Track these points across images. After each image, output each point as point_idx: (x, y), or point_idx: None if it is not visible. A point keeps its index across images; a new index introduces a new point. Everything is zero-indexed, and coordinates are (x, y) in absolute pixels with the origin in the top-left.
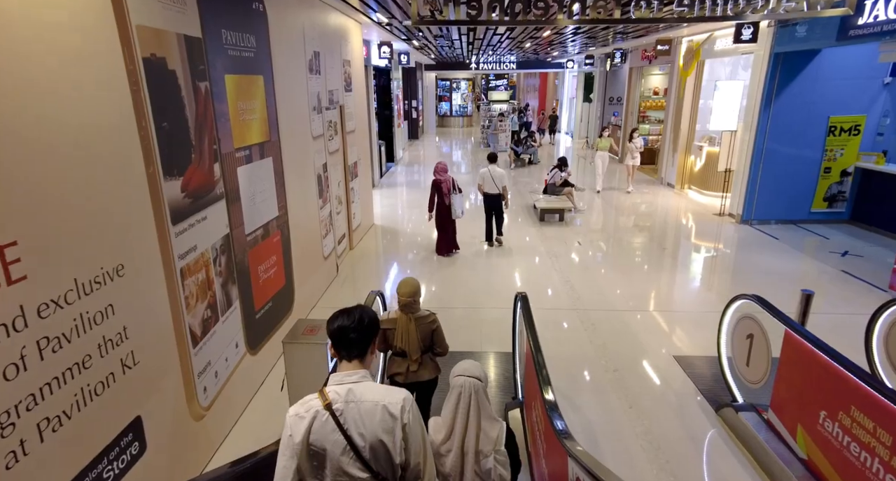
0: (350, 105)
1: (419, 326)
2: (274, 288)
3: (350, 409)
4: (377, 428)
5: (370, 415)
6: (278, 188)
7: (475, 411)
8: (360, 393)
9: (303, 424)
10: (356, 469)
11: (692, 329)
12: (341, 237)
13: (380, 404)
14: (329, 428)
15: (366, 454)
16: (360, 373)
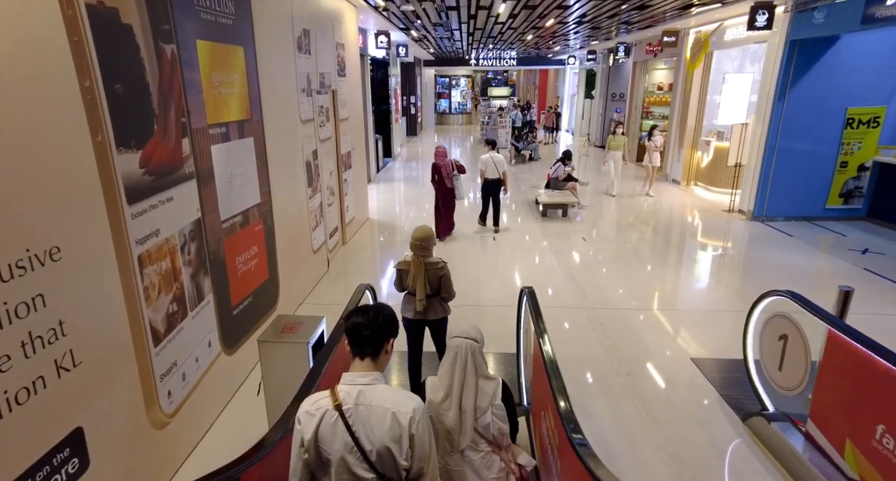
0: (343, 91)
1: (429, 270)
2: (255, 281)
3: (359, 412)
4: (385, 436)
5: (379, 421)
6: (260, 172)
7: (472, 370)
8: (370, 397)
9: (312, 422)
10: (362, 469)
11: (709, 329)
12: (333, 230)
13: (390, 411)
14: (338, 429)
15: (372, 457)
16: (373, 376)
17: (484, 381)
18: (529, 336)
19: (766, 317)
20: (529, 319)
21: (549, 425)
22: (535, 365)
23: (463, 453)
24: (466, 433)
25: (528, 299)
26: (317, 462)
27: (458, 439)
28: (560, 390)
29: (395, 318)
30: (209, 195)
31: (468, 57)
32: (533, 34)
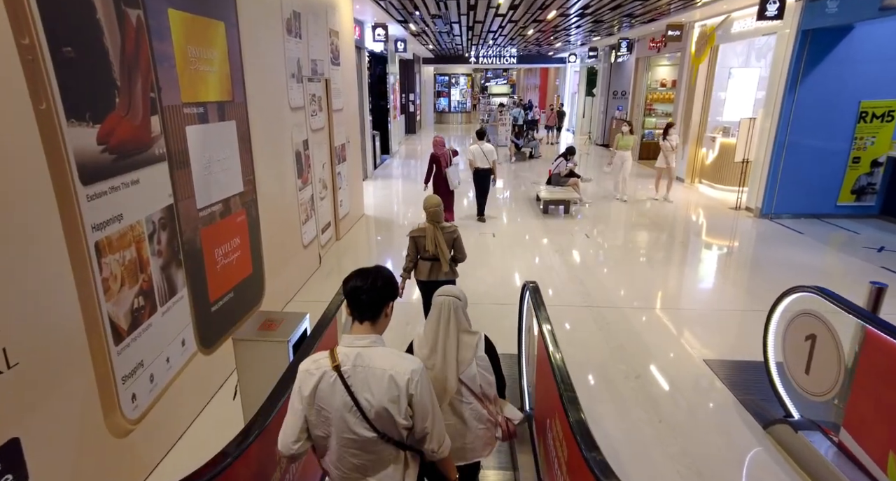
0: (337, 80)
1: (444, 234)
2: (237, 276)
3: (357, 373)
4: (383, 397)
5: (378, 382)
6: (244, 159)
7: (454, 325)
8: (368, 359)
9: (311, 381)
10: (362, 428)
11: (720, 329)
12: (326, 225)
13: (388, 373)
14: (336, 389)
15: (371, 415)
16: (371, 338)
17: (466, 335)
18: (532, 335)
19: (791, 316)
20: (532, 317)
21: (557, 436)
22: (538, 368)
23: (451, 405)
24: (451, 384)
25: (531, 295)
26: (317, 420)
27: (444, 393)
28: (570, 400)
29: (395, 281)
30: (184, 180)
31: (468, 54)
32: (534, 28)
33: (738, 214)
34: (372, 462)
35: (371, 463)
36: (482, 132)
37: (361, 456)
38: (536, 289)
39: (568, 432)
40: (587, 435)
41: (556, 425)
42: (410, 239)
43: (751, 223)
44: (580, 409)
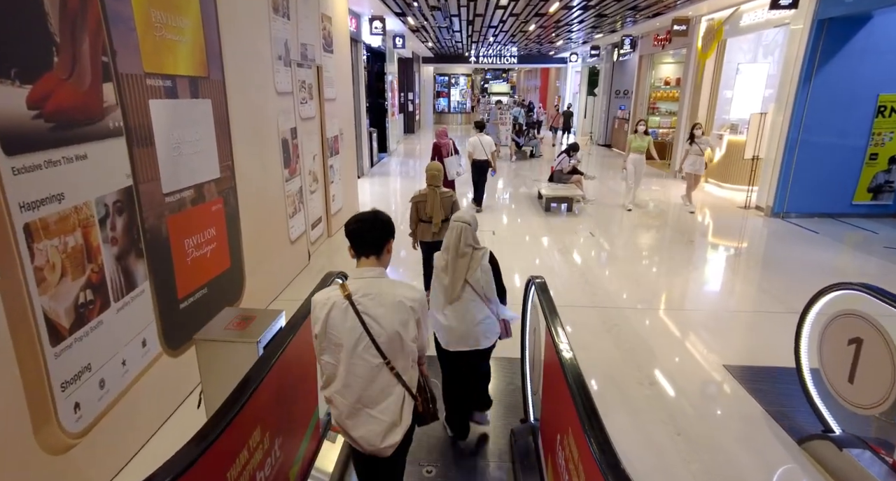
0: (330, 68)
1: (443, 199)
2: (212, 270)
3: (367, 301)
4: (394, 320)
5: (389, 308)
6: (221, 143)
7: (464, 241)
8: (377, 288)
9: (324, 311)
10: (370, 355)
11: (740, 331)
12: (317, 221)
13: (397, 298)
14: (348, 316)
15: (380, 339)
16: (378, 271)
17: (473, 250)
18: (538, 337)
19: (832, 317)
20: (539, 317)
21: (572, 457)
22: (546, 373)
23: (461, 301)
24: (458, 286)
25: (537, 292)
26: (327, 346)
27: (454, 291)
28: (589, 413)
29: (392, 222)
30: (146, 160)
31: (468, 54)
32: (535, 23)
33: (748, 213)
34: (374, 392)
35: (374, 393)
36: (481, 124)
37: (365, 386)
38: (544, 285)
39: (587, 455)
40: (615, 466)
41: (569, 443)
42: (412, 204)
43: (762, 222)
44: (603, 427)
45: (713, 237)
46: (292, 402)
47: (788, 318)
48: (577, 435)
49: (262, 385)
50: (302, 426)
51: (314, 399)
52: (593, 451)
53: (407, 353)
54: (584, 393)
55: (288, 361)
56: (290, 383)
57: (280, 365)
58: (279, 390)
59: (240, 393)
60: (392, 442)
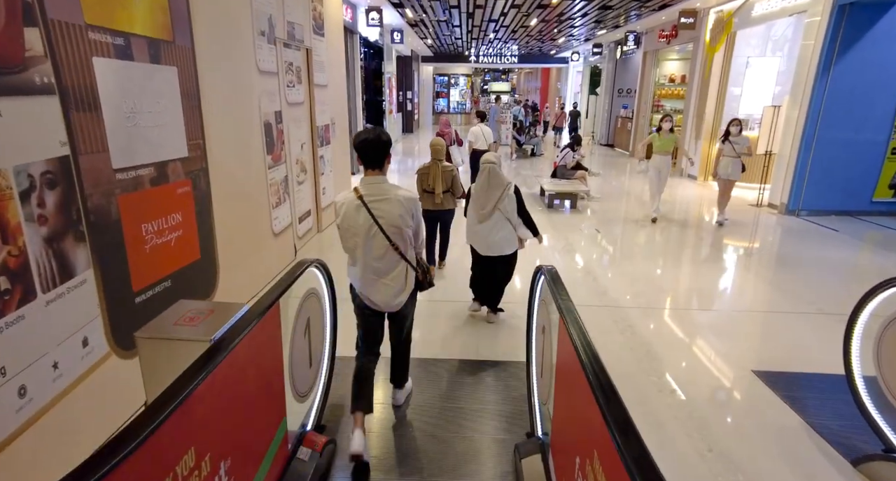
0: (321, 53)
1: (443, 172)
2: (177, 260)
3: (374, 200)
4: (395, 213)
5: (392, 203)
6: (189, 118)
7: (494, 179)
8: (381, 190)
9: (342, 209)
10: (380, 239)
11: (768, 334)
12: (305, 214)
13: (398, 197)
14: (361, 212)
15: (386, 228)
16: (381, 178)
17: (500, 183)
18: (548, 337)
19: (889, 319)
20: (549, 313)
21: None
22: (559, 380)
23: (491, 221)
24: (488, 210)
25: (548, 283)
26: (347, 235)
27: (485, 214)
28: (623, 430)
29: (390, 140)
30: (90, 127)
31: (468, 53)
32: (537, 16)
33: (761, 211)
34: (385, 266)
35: (384, 266)
36: (483, 114)
37: (378, 261)
38: (555, 274)
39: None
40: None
41: (594, 470)
42: (417, 175)
43: (776, 220)
44: (648, 455)
45: (728, 236)
46: (248, 415)
47: (819, 320)
48: (608, 462)
49: (200, 394)
50: (262, 443)
51: (280, 409)
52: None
53: (405, 238)
54: (617, 407)
55: (242, 364)
56: (246, 391)
57: (231, 369)
58: (229, 400)
59: (162, 405)
60: (400, 301)
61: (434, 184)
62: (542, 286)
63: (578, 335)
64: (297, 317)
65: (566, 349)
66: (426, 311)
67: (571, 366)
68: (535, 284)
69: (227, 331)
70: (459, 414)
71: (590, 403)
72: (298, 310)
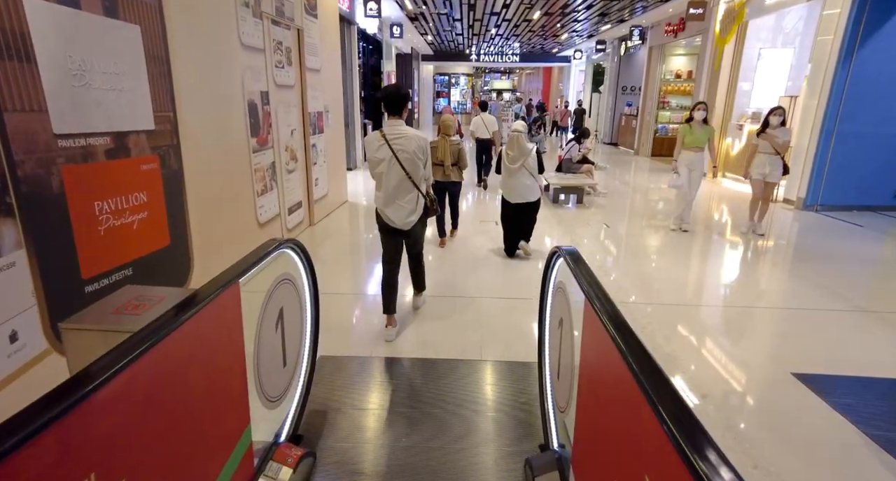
0: (313, 35)
1: (450, 146)
2: (141, 246)
3: (396, 139)
4: (413, 148)
5: (408, 140)
6: (157, 86)
7: (521, 144)
8: (402, 132)
9: (372, 146)
10: (398, 169)
11: (804, 333)
12: (295, 205)
13: (414, 137)
14: (384, 148)
15: (403, 161)
16: (401, 122)
17: (526, 147)
18: (566, 332)
19: None
20: (568, 303)
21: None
22: (582, 382)
23: (520, 172)
24: (517, 166)
25: (569, 265)
26: (374, 165)
27: (514, 169)
28: (700, 446)
29: (409, 94)
30: (19, 81)
31: (468, 51)
32: (540, 9)
33: (776, 207)
34: (401, 191)
35: (400, 191)
36: (484, 104)
37: (398, 187)
38: (577, 255)
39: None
40: None
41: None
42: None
43: (794, 216)
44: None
45: (743, 232)
46: (191, 427)
47: (857, 318)
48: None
49: (106, 400)
50: (213, 460)
51: (241, 417)
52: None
53: (419, 171)
54: (687, 419)
55: (182, 361)
56: (187, 396)
57: (163, 368)
58: (162, 408)
59: (34, 417)
60: (411, 221)
61: (443, 158)
62: (559, 271)
63: (615, 323)
64: (264, 307)
65: (595, 343)
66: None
67: (603, 365)
68: (550, 271)
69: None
70: (461, 421)
71: (636, 412)
72: (267, 299)
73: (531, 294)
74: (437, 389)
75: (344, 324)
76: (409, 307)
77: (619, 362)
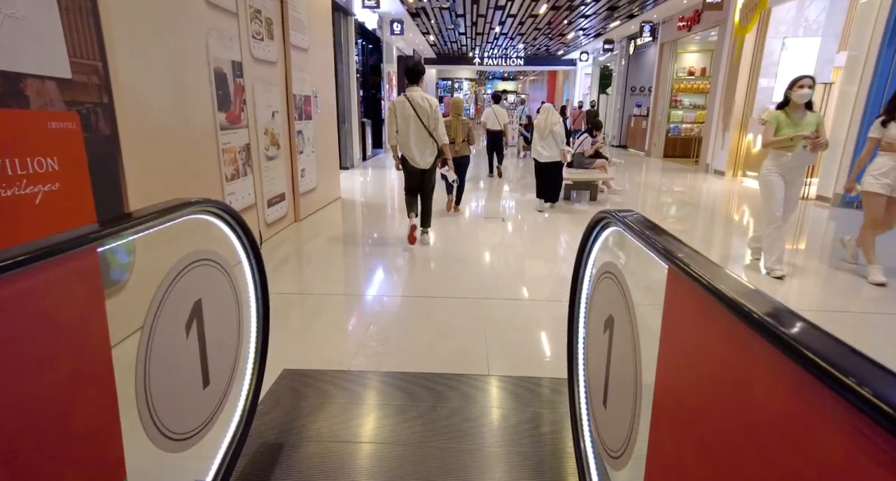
0: (301, 10)
1: (461, 124)
2: (49, 225)
3: (416, 99)
4: (427, 107)
5: (426, 102)
6: (75, 24)
7: (551, 115)
8: (419, 95)
9: (396, 106)
10: (419, 124)
11: (879, 335)
12: (276, 197)
13: (427, 100)
14: (406, 106)
15: (423, 117)
16: (418, 89)
17: (555, 118)
18: (621, 334)
19: None
20: (622, 294)
21: None
22: (662, 417)
23: (549, 138)
24: (546, 133)
25: (633, 233)
26: (400, 121)
27: (544, 134)
28: None
29: (424, 69)
30: None
31: (471, 54)
32: (548, 2)
33: (808, 204)
34: (422, 141)
35: (422, 142)
36: (497, 96)
37: (418, 138)
38: (646, 223)
39: None
40: None
41: None
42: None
43: (829, 214)
44: None
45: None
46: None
47: None
48: None
49: None
50: None
51: (108, 468)
52: None
53: (432, 123)
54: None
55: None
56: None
57: None
58: None
59: None
60: (428, 161)
61: (455, 135)
62: (602, 249)
63: (757, 306)
64: (162, 300)
65: (700, 341)
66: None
67: (725, 375)
68: (587, 251)
69: None
70: (462, 459)
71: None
72: (167, 288)
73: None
74: (433, 414)
75: (321, 330)
76: (397, 317)
77: (774, 364)
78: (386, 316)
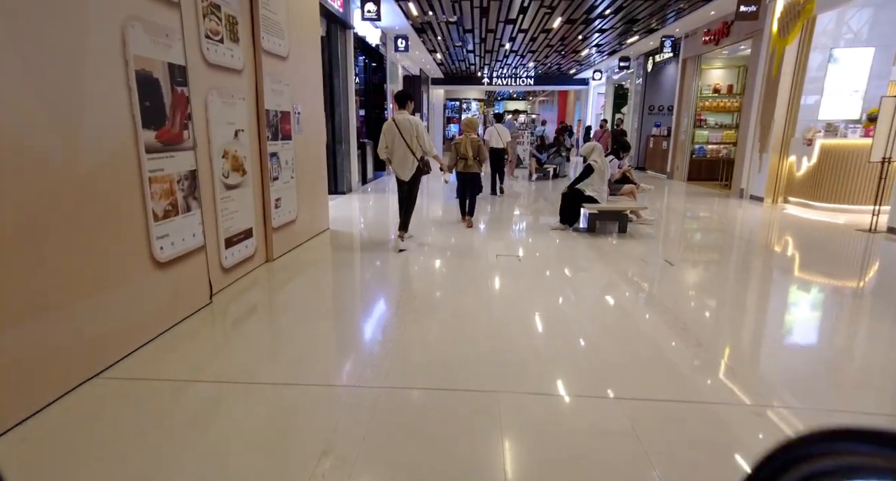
0: (277, 10)
1: (472, 143)
2: None
3: (401, 121)
4: (412, 130)
5: (410, 124)
6: None
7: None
8: (406, 117)
9: (385, 128)
10: (403, 144)
11: None
12: (239, 234)
13: (412, 120)
14: (394, 128)
15: (406, 138)
16: (407, 113)
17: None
18: None
19: None
20: None
21: None
22: None
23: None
24: (606, 176)
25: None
26: (388, 140)
27: (604, 177)
28: None
29: (412, 94)
30: None
31: (480, 73)
32: (562, 16)
33: (875, 238)
34: (404, 158)
35: (404, 160)
36: (500, 116)
37: (402, 156)
38: None
39: None
40: None
41: None
42: (452, 145)
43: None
44: None
45: (854, 272)
46: None
47: None
48: None
49: None
50: None
51: None
52: None
53: (414, 143)
54: None
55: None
56: None
57: None
58: None
59: None
60: (410, 174)
61: (465, 152)
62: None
63: None
64: None
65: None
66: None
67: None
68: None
69: None
70: None
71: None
72: None
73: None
74: None
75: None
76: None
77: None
78: (349, 423)
